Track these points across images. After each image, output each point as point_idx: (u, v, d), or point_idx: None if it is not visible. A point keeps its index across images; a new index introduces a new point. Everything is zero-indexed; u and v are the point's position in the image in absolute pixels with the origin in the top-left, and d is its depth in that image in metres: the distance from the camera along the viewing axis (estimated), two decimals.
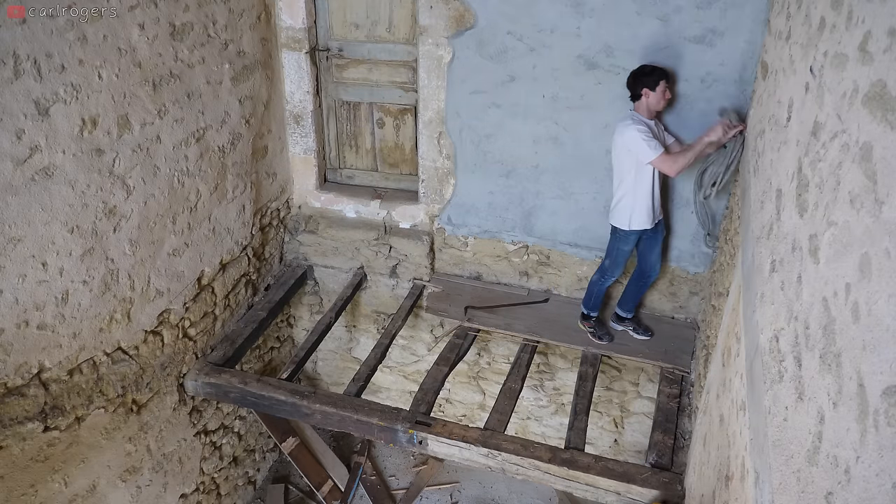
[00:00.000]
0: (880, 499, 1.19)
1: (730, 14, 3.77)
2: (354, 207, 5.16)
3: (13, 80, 2.77)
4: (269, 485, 5.57)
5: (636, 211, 4.05)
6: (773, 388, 1.99)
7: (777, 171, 2.55)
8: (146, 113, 3.57)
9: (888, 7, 1.54)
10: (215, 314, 4.50)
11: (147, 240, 3.74)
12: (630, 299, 4.56)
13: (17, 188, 2.89)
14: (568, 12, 4.05)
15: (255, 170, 4.71)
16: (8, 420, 3.07)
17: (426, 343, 5.45)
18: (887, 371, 1.23)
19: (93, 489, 3.66)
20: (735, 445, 2.47)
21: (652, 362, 4.55)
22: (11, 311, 2.98)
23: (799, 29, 2.62)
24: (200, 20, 3.87)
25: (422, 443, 3.95)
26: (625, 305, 4.59)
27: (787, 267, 2.12)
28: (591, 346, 4.58)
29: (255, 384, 4.22)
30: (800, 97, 2.36)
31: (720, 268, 3.99)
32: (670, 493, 3.58)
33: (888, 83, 1.46)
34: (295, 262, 5.35)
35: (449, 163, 4.76)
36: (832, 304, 1.59)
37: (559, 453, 3.78)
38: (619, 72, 4.10)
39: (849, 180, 1.62)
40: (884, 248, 1.34)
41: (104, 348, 3.58)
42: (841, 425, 1.41)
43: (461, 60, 4.39)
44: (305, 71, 4.79)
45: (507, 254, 4.97)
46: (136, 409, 3.90)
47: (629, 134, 3.84)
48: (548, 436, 5.59)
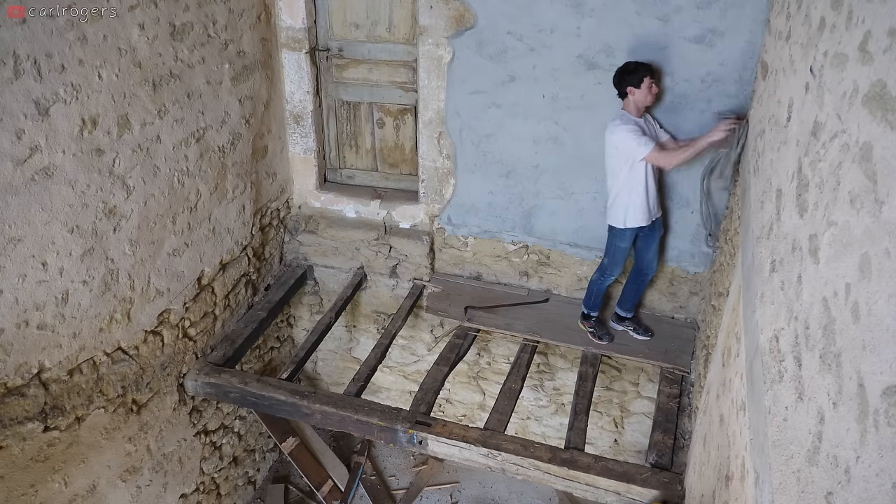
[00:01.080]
0: (880, 499, 1.19)
1: (730, 14, 3.77)
2: (354, 207, 5.16)
3: (13, 80, 2.77)
4: (269, 485, 5.57)
5: (631, 208, 4.08)
6: (773, 388, 1.99)
7: (777, 171, 2.55)
8: (146, 113, 3.57)
9: (888, 7, 1.54)
10: (215, 314, 4.50)
11: (147, 240, 3.74)
12: (629, 299, 4.56)
13: (17, 188, 2.89)
14: (568, 12, 4.05)
15: (255, 170, 4.71)
16: (8, 420, 3.07)
17: (426, 343, 5.45)
18: (887, 371, 1.23)
19: (93, 489, 3.66)
20: (735, 445, 2.47)
21: (652, 362, 4.55)
22: (11, 311, 2.98)
23: (799, 29, 2.62)
24: (200, 20, 3.87)
25: (422, 443, 3.95)
26: (624, 305, 4.59)
27: (787, 267, 2.12)
28: (591, 346, 4.58)
29: (255, 384, 4.22)
30: (800, 97, 2.36)
31: (720, 268, 3.99)
32: (670, 493, 3.58)
33: (888, 83, 1.46)
34: (295, 262, 5.35)
35: (449, 163, 4.76)
36: (832, 304, 1.59)
37: (559, 453, 3.78)
38: None
39: (849, 180, 1.62)
40: (884, 248, 1.34)
41: (104, 348, 3.58)
42: (841, 425, 1.41)
43: (461, 60, 4.39)
44: (305, 71, 4.79)
45: (507, 254, 4.97)
46: (136, 409, 3.90)
47: (618, 135, 3.90)
48: (548, 436, 5.59)
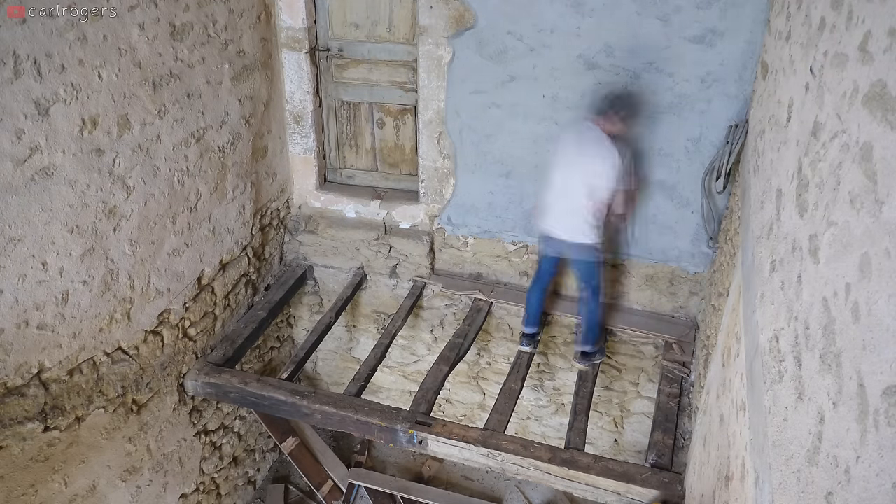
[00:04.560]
0: (880, 499, 1.19)
1: (730, 14, 3.77)
2: (354, 207, 5.16)
3: (13, 80, 2.77)
4: (269, 485, 5.57)
5: (601, 226, 4.16)
6: (773, 388, 1.99)
7: (777, 171, 2.55)
8: (146, 113, 3.57)
9: (888, 7, 1.54)
10: (215, 314, 4.50)
11: (147, 240, 3.74)
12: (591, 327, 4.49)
13: (17, 188, 2.89)
14: (568, 12, 4.05)
15: (255, 170, 4.71)
16: (8, 420, 3.07)
17: (426, 343, 5.45)
18: (887, 371, 1.23)
19: (93, 489, 3.66)
20: (735, 445, 2.47)
21: (654, 334, 4.64)
22: (11, 311, 2.98)
23: (799, 29, 2.62)
24: (200, 20, 3.87)
25: (422, 443, 3.95)
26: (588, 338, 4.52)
27: (787, 267, 2.12)
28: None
29: (255, 384, 4.22)
30: (800, 97, 2.36)
31: (720, 268, 3.99)
32: (670, 493, 3.58)
33: (888, 83, 1.46)
34: (295, 262, 5.35)
35: (449, 163, 4.76)
36: (832, 304, 1.59)
37: (559, 453, 3.78)
38: (619, 72, 4.10)
39: (849, 180, 1.62)
40: (884, 248, 1.34)
41: (104, 348, 3.58)
42: (841, 425, 1.41)
43: (461, 60, 4.39)
44: (305, 71, 4.79)
45: (507, 254, 4.97)
46: (136, 409, 3.90)
47: (618, 157, 3.95)
48: (548, 436, 5.59)
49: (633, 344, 4.85)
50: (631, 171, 4.03)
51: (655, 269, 4.65)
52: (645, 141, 4.25)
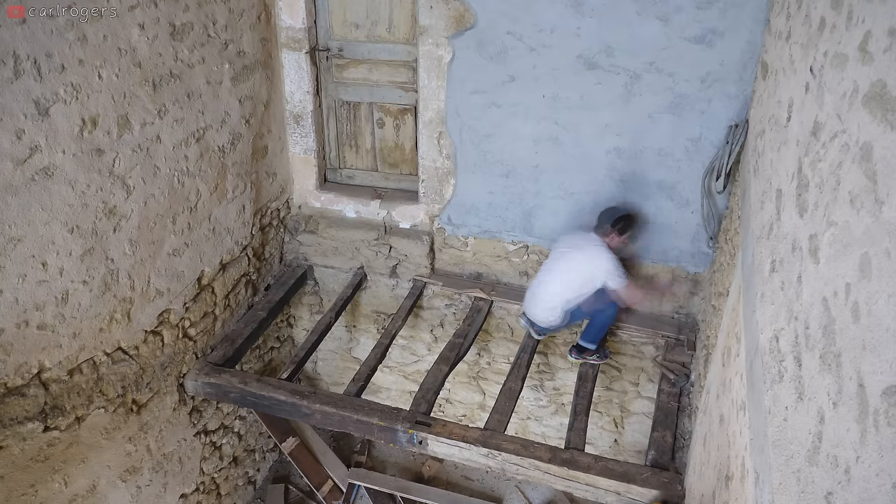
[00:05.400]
0: (880, 499, 1.19)
1: (730, 14, 3.77)
2: (354, 207, 5.16)
3: (13, 80, 2.77)
4: (269, 485, 5.57)
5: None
6: (773, 388, 1.99)
7: (777, 171, 2.55)
8: (146, 113, 3.57)
9: (888, 7, 1.54)
10: (215, 314, 4.50)
11: (147, 240, 3.74)
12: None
13: (17, 188, 2.89)
14: (568, 12, 4.05)
15: (255, 170, 4.71)
16: (8, 420, 3.07)
17: (426, 343, 5.45)
18: (887, 371, 1.23)
19: (93, 489, 3.66)
20: (735, 445, 2.47)
21: (657, 331, 4.67)
22: (11, 311, 2.98)
23: (799, 29, 2.62)
24: (200, 20, 3.87)
25: (422, 443, 3.96)
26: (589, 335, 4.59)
27: (787, 267, 2.12)
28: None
29: (255, 384, 4.22)
30: (800, 97, 2.36)
31: (720, 268, 3.99)
32: (670, 493, 3.58)
33: (888, 83, 1.46)
34: (295, 262, 5.35)
35: (449, 163, 4.76)
36: (832, 304, 1.59)
37: (559, 453, 3.78)
38: (619, 72, 4.10)
39: (849, 180, 1.62)
40: (884, 248, 1.34)
41: (104, 348, 3.58)
42: (841, 425, 1.41)
43: (461, 60, 4.39)
44: (305, 71, 4.79)
45: (507, 254, 4.97)
46: (136, 409, 3.90)
47: (609, 263, 4.14)
48: (548, 436, 5.59)
49: (633, 344, 4.85)
50: (620, 274, 4.16)
51: (655, 270, 4.66)
52: (645, 141, 4.26)
